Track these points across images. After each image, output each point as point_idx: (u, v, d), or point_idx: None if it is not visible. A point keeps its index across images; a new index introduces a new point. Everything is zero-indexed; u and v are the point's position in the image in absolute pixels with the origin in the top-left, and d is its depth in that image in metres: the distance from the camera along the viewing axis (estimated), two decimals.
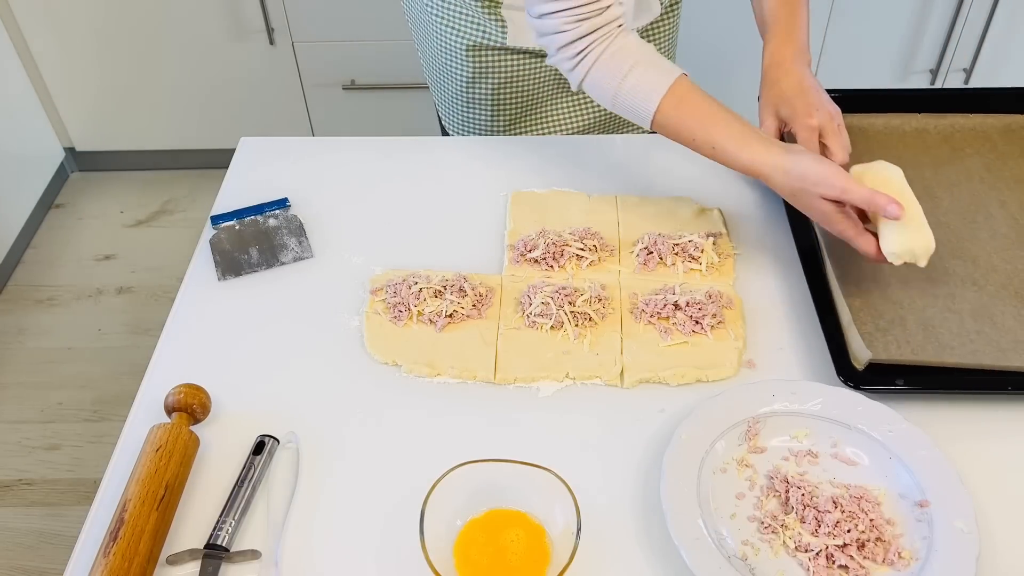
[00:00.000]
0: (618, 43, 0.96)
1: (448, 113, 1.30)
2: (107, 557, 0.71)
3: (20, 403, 2.03)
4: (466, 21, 1.17)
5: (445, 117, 1.32)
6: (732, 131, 0.93)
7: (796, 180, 0.90)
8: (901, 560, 0.73)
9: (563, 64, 0.99)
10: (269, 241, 1.05)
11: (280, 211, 1.09)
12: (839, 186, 0.87)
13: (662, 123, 0.96)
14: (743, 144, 0.93)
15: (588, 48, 0.95)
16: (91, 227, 2.49)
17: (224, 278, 1.01)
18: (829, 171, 0.88)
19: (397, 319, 0.94)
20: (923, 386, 0.86)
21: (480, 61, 1.20)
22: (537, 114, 1.27)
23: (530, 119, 1.27)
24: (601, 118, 1.29)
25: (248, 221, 1.07)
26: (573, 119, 1.28)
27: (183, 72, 2.34)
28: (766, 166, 0.91)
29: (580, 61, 0.96)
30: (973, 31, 2.12)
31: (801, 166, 0.89)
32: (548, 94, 1.25)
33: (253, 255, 1.03)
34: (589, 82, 0.98)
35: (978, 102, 1.18)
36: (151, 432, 0.80)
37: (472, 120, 1.28)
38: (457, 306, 0.93)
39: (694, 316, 0.92)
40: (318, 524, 0.78)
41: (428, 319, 0.93)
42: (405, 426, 0.86)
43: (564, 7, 0.94)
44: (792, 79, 1.03)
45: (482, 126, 1.28)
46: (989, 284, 0.96)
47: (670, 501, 0.75)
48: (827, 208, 0.89)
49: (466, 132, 1.30)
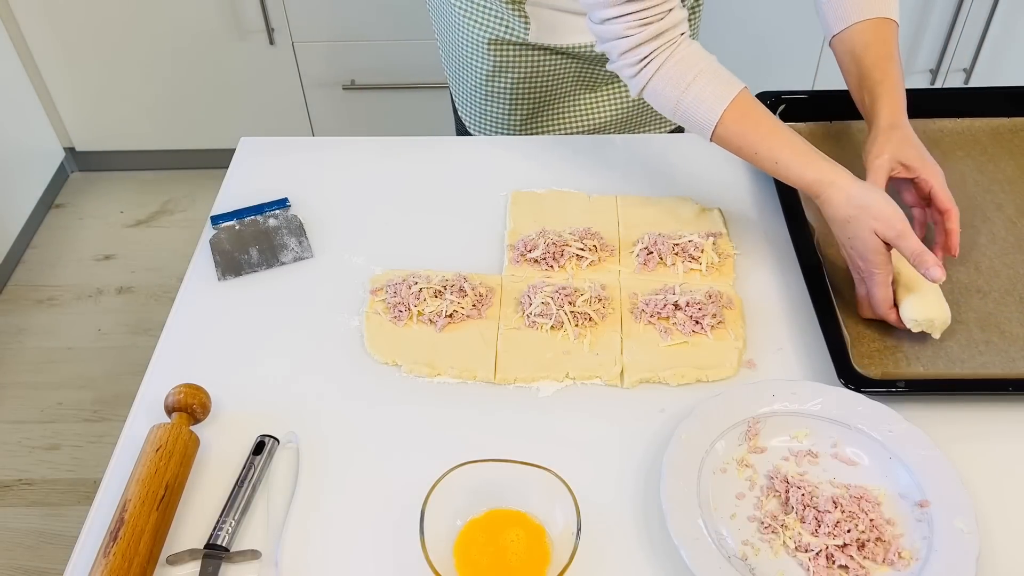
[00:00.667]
0: (682, 51, 0.95)
1: (465, 106, 1.30)
2: (107, 557, 0.71)
3: (20, 403, 2.03)
4: (489, 15, 1.16)
5: (462, 109, 1.32)
6: (796, 148, 0.94)
7: (856, 207, 0.89)
8: (901, 560, 0.73)
9: (625, 71, 0.98)
10: (269, 241, 1.05)
11: (280, 211, 1.09)
12: (898, 228, 0.87)
13: (723, 135, 0.96)
14: (808, 161, 0.93)
15: (652, 55, 0.95)
16: (91, 227, 2.49)
17: (224, 278, 1.01)
18: (894, 212, 0.88)
19: (397, 319, 0.94)
20: (923, 388, 0.86)
21: (501, 56, 1.20)
22: (554, 111, 1.27)
23: (547, 115, 1.27)
24: (618, 116, 1.28)
25: (248, 221, 1.07)
26: (590, 116, 1.27)
27: (183, 72, 2.34)
28: (832, 185, 0.91)
29: (644, 67, 0.96)
30: (973, 31, 2.12)
31: (869, 197, 0.89)
32: (567, 91, 1.25)
33: (253, 255, 1.03)
34: (651, 89, 0.97)
35: (966, 103, 1.19)
36: (151, 432, 0.80)
37: (489, 114, 1.28)
38: (457, 306, 0.93)
39: (694, 316, 0.92)
40: (318, 524, 0.78)
41: (428, 319, 0.93)
42: (405, 426, 0.86)
43: (628, 11, 0.93)
44: (913, 137, 1.00)
45: (499, 121, 1.28)
46: (993, 290, 0.96)
47: (670, 501, 0.75)
48: (876, 244, 0.88)
49: (483, 126, 1.30)
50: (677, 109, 0.96)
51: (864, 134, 1.13)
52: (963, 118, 1.18)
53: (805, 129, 1.17)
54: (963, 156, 1.13)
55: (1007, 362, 0.88)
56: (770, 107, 1.16)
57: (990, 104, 1.19)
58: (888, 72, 1.01)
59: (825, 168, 0.92)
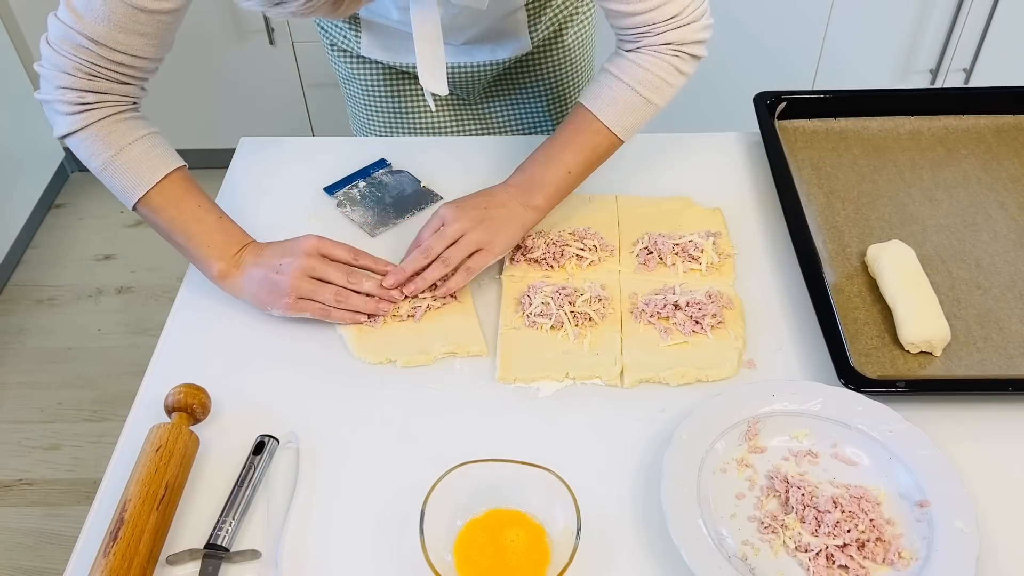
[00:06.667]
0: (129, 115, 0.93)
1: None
2: (107, 557, 0.71)
3: (20, 403, 2.03)
4: (327, 22, 1.19)
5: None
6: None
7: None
8: (901, 560, 0.73)
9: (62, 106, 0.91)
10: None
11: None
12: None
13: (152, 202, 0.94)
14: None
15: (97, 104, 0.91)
16: (91, 227, 2.49)
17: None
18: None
19: (373, 322, 0.94)
20: (923, 388, 0.86)
21: (344, 63, 1.22)
22: (408, 118, 1.26)
23: (403, 123, 1.27)
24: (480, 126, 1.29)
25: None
26: (446, 124, 1.27)
27: (183, 72, 2.34)
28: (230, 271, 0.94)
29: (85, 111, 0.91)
30: (973, 31, 2.12)
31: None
32: (411, 101, 1.25)
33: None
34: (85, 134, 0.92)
35: (971, 102, 1.19)
36: (151, 432, 0.80)
37: (355, 118, 1.31)
38: (430, 300, 0.95)
39: (694, 316, 0.92)
40: (318, 524, 0.78)
41: (406, 315, 0.94)
42: (405, 426, 0.86)
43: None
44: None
45: (363, 127, 1.30)
46: (993, 287, 0.96)
47: (670, 501, 0.75)
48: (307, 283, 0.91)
49: (355, 129, 1.33)
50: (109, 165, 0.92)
51: (858, 133, 1.14)
52: (968, 115, 1.18)
53: (807, 128, 1.17)
54: (967, 154, 1.13)
55: (1005, 359, 0.88)
56: (769, 107, 1.16)
57: (995, 103, 1.18)
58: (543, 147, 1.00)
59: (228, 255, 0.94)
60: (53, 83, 0.89)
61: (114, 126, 0.92)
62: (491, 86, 1.25)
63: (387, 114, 1.26)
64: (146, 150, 0.93)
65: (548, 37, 1.20)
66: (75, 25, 0.85)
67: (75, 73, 0.88)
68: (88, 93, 0.89)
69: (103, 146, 0.91)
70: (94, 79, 0.89)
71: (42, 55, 0.90)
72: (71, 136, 0.91)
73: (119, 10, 0.84)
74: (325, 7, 0.72)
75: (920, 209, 1.06)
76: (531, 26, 1.16)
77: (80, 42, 0.86)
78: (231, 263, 0.94)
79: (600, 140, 0.98)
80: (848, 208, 1.06)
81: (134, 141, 0.92)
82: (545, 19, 1.17)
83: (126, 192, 0.93)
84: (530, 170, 0.98)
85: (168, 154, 0.95)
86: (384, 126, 1.27)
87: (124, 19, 0.85)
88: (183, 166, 0.95)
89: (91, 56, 0.87)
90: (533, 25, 1.16)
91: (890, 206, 1.06)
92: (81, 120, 0.90)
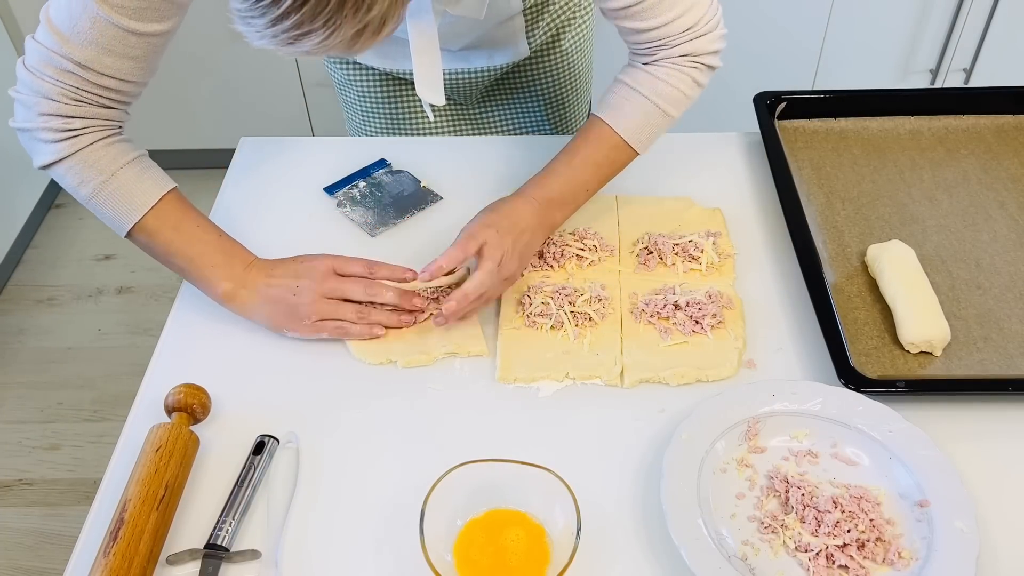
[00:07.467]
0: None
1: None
2: (107, 557, 0.71)
3: (20, 403, 2.03)
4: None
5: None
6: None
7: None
8: (901, 560, 0.73)
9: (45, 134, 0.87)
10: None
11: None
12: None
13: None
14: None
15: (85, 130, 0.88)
16: (91, 227, 2.48)
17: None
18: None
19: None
20: (923, 387, 0.86)
21: (340, 69, 1.22)
22: (405, 124, 1.26)
23: (400, 128, 1.27)
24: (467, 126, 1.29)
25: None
26: (443, 130, 1.27)
27: (183, 72, 2.34)
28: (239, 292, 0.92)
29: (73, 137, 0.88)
30: (973, 31, 2.12)
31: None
32: (408, 106, 1.25)
33: None
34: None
35: (971, 102, 1.19)
36: (151, 432, 0.80)
37: (351, 123, 1.30)
38: (433, 310, 0.94)
39: (694, 316, 0.92)
40: (318, 524, 0.78)
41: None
42: (405, 426, 0.86)
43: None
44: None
45: (359, 132, 1.29)
46: (993, 287, 0.96)
47: (670, 501, 0.75)
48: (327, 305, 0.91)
49: (352, 135, 1.32)
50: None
51: (858, 133, 1.14)
52: (968, 115, 1.18)
53: (807, 128, 1.17)
54: (967, 154, 1.13)
55: (1005, 359, 0.88)
56: (769, 107, 1.16)
57: (995, 103, 1.18)
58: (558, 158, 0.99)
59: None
60: (34, 110, 0.85)
61: (102, 151, 0.88)
62: (489, 91, 1.25)
63: (384, 120, 1.26)
64: (138, 174, 0.90)
65: (545, 42, 1.20)
66: (59, 49, 0.82)
67: (59, 99, 0.84)
68: (74, 119, 0.86)
69: (93, 173, 0.88)
70: (80, 104, 0.85)
71: (19, 80, 0.85)
72: (56, 164, 0.87)
73: (109, 32, 0.81)
74: (340, 46, 0.70)
75: (920, 209, 1.06)
76: (528, 32, 1.16)
77: (65, 66, 0.82)
78: (237, 283, 0.92)
79: (618, 155, 0.98)
80: (848, 208, 1.06)
81: (124, 166, 0.89)
82: (542, 25, 1.17)
83: (119, 218, 0.89)
84: (550, 185, 0.97)
85: (160, 176, 0.92)
86: (381, 132, 1.27)
87: (114, 42, 0.82)
88: (175, 187, 0.93)
89: (77, 81, 0.84)
90: (530, 31, 1.16)
91: (890, 206, 1.06)
92: (68, 147, 0.86)
